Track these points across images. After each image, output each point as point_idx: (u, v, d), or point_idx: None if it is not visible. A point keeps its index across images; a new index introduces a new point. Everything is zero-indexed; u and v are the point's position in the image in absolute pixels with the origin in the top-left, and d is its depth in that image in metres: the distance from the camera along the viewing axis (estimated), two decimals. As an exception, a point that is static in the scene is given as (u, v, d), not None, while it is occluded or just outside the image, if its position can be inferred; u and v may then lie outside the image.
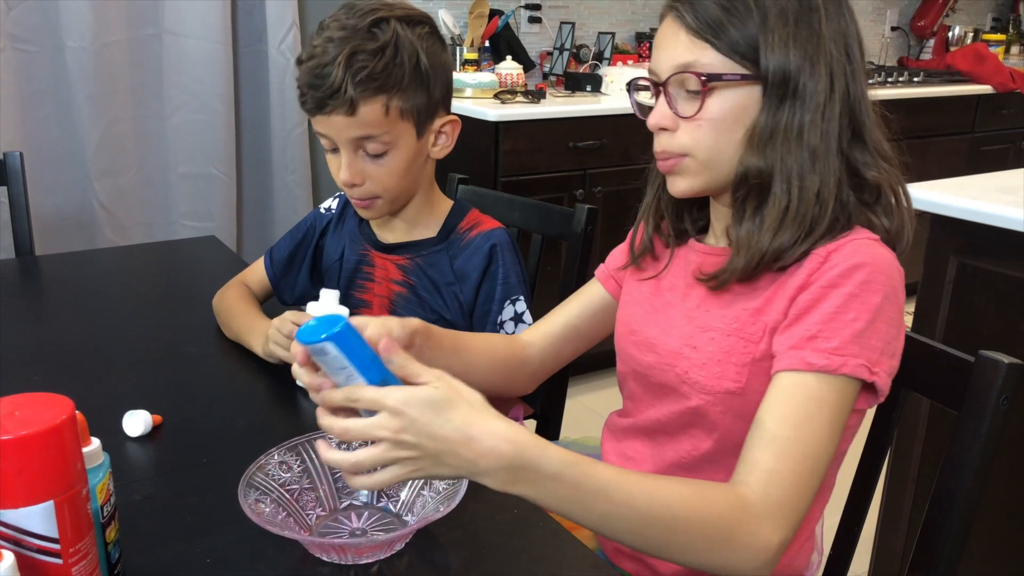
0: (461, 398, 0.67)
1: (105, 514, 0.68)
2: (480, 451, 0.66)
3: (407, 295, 1.19)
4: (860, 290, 0.77)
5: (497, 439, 0.66)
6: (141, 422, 0.95)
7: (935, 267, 1.53)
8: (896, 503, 1.64)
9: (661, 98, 0.85)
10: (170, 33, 2.41)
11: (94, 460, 0.67)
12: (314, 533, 0.79)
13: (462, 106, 2.49)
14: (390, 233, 1.23)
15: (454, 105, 1.18)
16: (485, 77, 2.66)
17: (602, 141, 2.61)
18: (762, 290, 0.84)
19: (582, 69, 3.05)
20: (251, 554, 0.75)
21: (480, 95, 2.62)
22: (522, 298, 1.16)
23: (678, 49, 0.83)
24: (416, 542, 0.77)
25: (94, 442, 0.68)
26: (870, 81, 0.86)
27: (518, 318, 1.15)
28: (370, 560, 0.74)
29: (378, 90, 1.05)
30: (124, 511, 0.75)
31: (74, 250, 1.78)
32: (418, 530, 0.76)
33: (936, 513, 0.84)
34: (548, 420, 1.38)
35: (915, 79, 3.52)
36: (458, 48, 2.84)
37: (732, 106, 0.82)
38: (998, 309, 1.46)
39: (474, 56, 2.83)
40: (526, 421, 1.27)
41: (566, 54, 3.01)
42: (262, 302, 1.29)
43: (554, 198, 2.54)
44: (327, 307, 1.01)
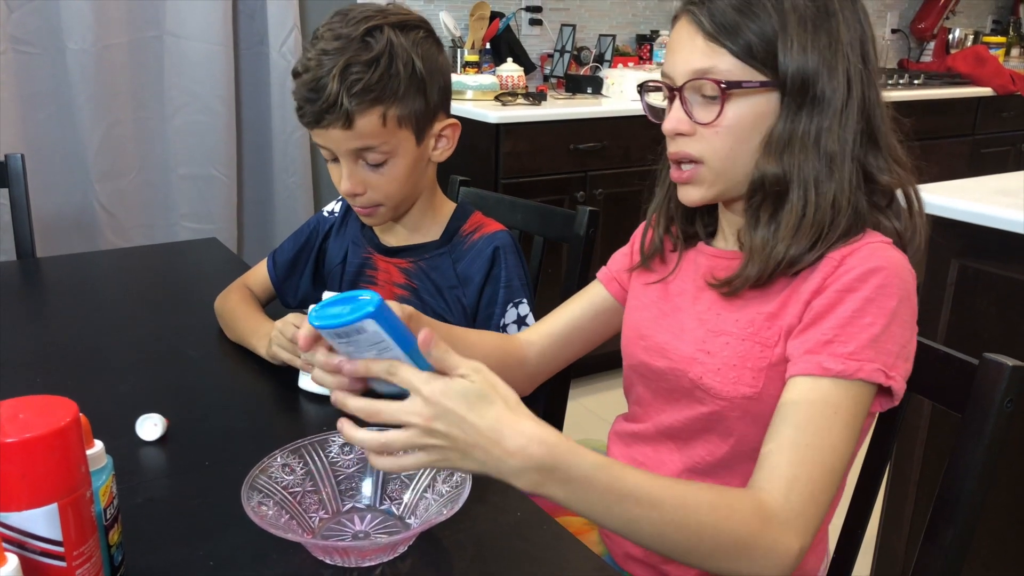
0: (497, 394, 0.67)
1: (108, 517, 0.68)
2: (510, 450, 0.66)
3: (410, 299, 1.19)
4: (876, 294, 0.77)
5: (527, 439, 0.66)
6: (154, 426, 0.94)
7: (936, 269, 1.53)
8: (898, 505, 1.64)
9: (676, 103, 0.84)
10: (171, 35, 2.41)
11: (98, 462, 0.67)
12: (317, 536, 0.79)
13: (463, 108, 2.50)
14: (392, 236, 1.23)
15: (454, 107, 1.18)
16: (486, 79, 2.66)
17: (603, 143, 2.61)
18: (776, 294, 0.84)
19: (583, 71, 3.05)
20: (254, 557, 0.75)
21: (481, 97, 2.62)
22: (525, 301, 1.15)
23: (695, 54, 0.82)
24: (419, 545, 0.77)
25: (97, 444, 0.68)
26: (877, 82, 0.85)
27: (521, 321, 1.14)
28: (373, 563, 0.74)
29: (374, 101, 1.04)
30: (127, 514, 0.75)
31: (75, 252, 1.78)
32: (421, 533, 0.75)
33: (940, 516, 0.84)
34: (549, 422, 1.37)
35: (915, 81, 3.53)
36: (459, 50, 2.84)
37: (750, 113, 0.82)
38: (999, 311, 1.46)
39: (475, 58, 2.83)
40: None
41: (567, 56, 3.01)
42: (264, 305, 1.29)
43: (555, 200, 2.54)
44: None
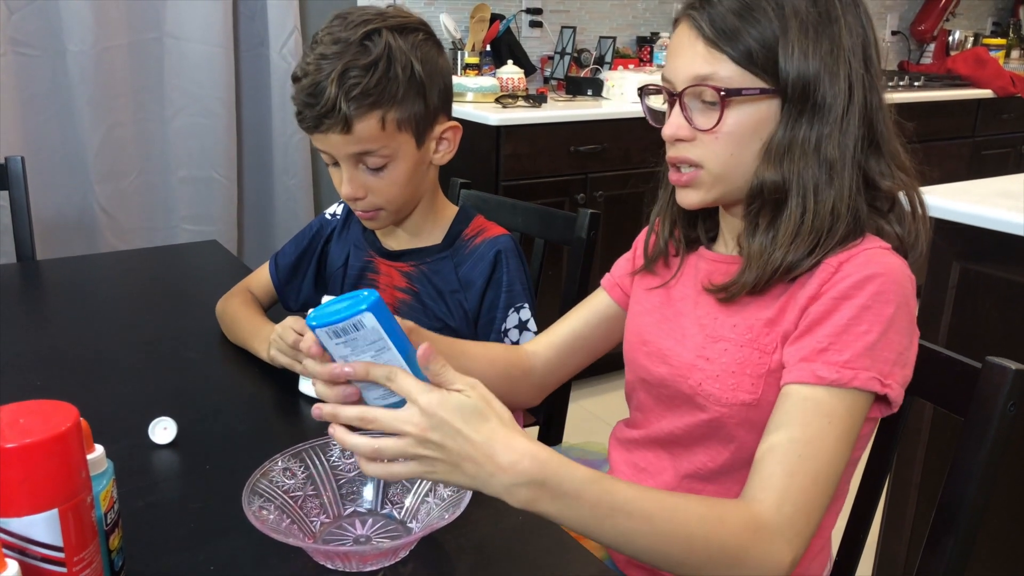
0: (491, 410, 0.67)
1: (109, 521, 0.68)
2: (502, 465, 0.65)
3: (411, 302, 1.18)
4: (872, 302, 0.76)
5: (519, 454, 0.66)
6: (164, 430, 0.94)
7: (938, 272, 1.53)
8: (899, 509, 1.64)
9: (676, 108, 0.84)
10: (171, 37, 2.41)
11: (98, 467, 0.67)
12: (318, 540, 0.79)
13: (463, 110, 2.50)
14: (394, 240, 1.22)
15: (455, 109, 1.18)
16: (486, 81, 2.66)
17: (603, 145, 2.61)
18: (774, 299, 0.84)
19: (583, 73, 3.05)
20: (255, 561, 0.74)
21: (481, 99, 2.62)
22: (527, 306, 1.15)
23: (695, 59, 0.81)
24: (421, 550, 0.76)
25: (98, 449, 0.68)
26: (880, 88, 0.85)
27: (522, 326, 1.14)
28: (374, 568, 0.74)
29: (372, 105, 1.04)
30: (127, 518, 0.75)
31: (75, 254, 1.78)
32: (423, 537, 0.75)
33: (942, 520, 0.84)
34: (550, 425, 1.38)
35: (916, 83, 3.53)
36: (459, 52, 2.84)
37: (750, 119, 0.81)
38: (1001, 314, 1.46)
39: (475, 60, 2.83)
40: (526, 428, 1.26)
41: (567, 58, 3.01)
42: (266, 308, 1.29)
43: (555, 202, 2.54)
44: None
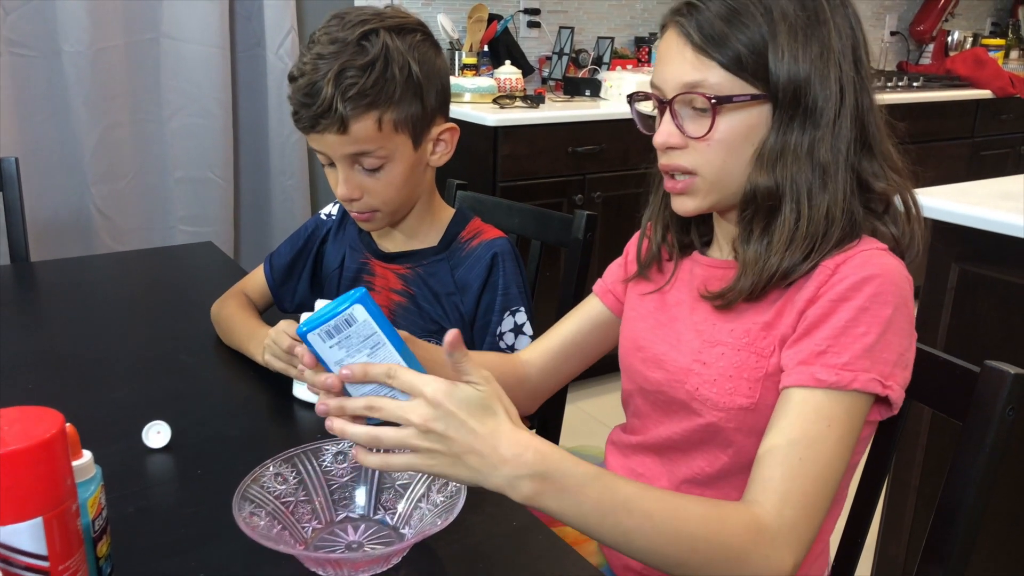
0: (500, 406, 0.68)
1: (96, 528, 0.67)
2: (505, 457, 0.65)
3: (407, 305, 1.18)
4: (870, 303, 0.76)
5: (523, 447, 0.66)
6: (158, 434, 0.93)
7: (936, 274, 1.52)
8: (898, 512, 1.63)
9: (667, 115, 0.83)
10: (168, 37, 2.40)
11: (85, 473, 0.66)
12: (310, 546, 0.78)
13: (461, 111, 2.49)
14: (390, 242, 1.22)
15: (452, 110, 1.17)
16: (484, 82, 2.65)
17: (601, 146, 2.60)
18: (770, 303, 0.83)
19: (581, 74, 3.05)
20: (246, 568, 0.74)
21: (479, 100, 2.61)
22: (523, 309, 1.14)
23: (684, 66, 0.80)
24: (413, 556, 0.76)
25: (86, 455, 0.67)
26: (870, 88, 0.84)
27: (518, 329, 1.13)
28: (366, 574, 0.73)
29: (369, 106, 1.03)
30: (117, 524, 0.74)
31: (71, 255, 1.77)
32: (415, 544, 0.74)
33: (941, 524, 0.83)
34: (547, 426, 1.37)
35: (915, 84, 3.52)
36: (457, 53, 2.83)
37: (742, 125, 0.81)
38: (1000, 316, 1.45)
39: (473, 61, 2.82)
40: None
41: (565, 59, 3.00)
42: (262, 311, 1.28)
43: (553, 203, 2.53)
44: None
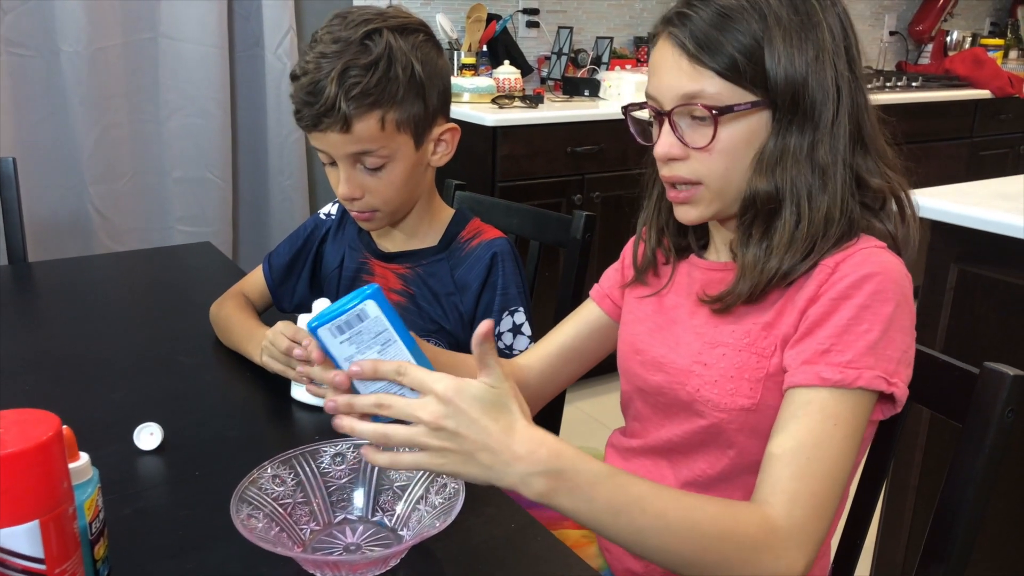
0: (515, 403, 0.68)
1: (93, 531, 0.67)
2: (518, 454, 0.65)
3: (406, 305, 1.17)
4: (871, 301, 0.76)
5: (536, 444, 0.66)
6: (151, 435, 0.93)
7: (935, 274, 1.52)
8: (896, 513, 1.63)
9: (666, 127, 0.83)
10: (166, 37, 2.40)
11: (82, 476, 0.66)
12: (308, 548, 0.78)
13: (459, 111, 2.49)
14: (390, 242, 1.22)
15: (451, 110, 1.17)
16: (483, 82, 2.65)
17: (600, 146, 2.60)
18: (771, 303, 0.83)
19: (580, 74, 3.04)
20: (244, 570, 0.73)
21: (477, 100, 2.61)
22: (521, 309, 1.14)
23: (680, 77, 0.80)
24: (411, 558, 0.75)
25: (82, 457, 0.67)
26: (868, 86, 0.85)
27: (516, 329, 1.13)
28: (364, 577, 0.73)
29: (372, 105, 1.03)
30: (114, 526, 0.74)
31: (68, 256, 1.77)
32: (414, 546, 0.74)
33: (941, 525, 0.83)
34: (546, 427, 1.35)
35: (913, 84, 3.52)
36: (455, 53, 2.83)
37: (743, 133, 0.80)
38: (999, 316, 1.45)
39: (471, 61, 2.82)
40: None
41: (564, 59, 3.00)
42: (261, 312, 1.27)
43: (552, 203, 2.53)
44: None
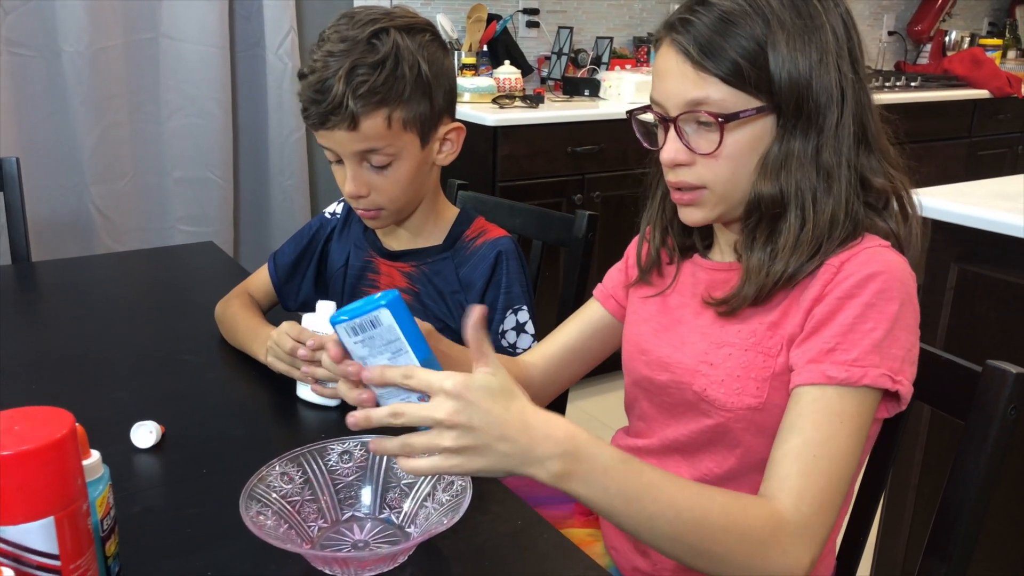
0: (517, 387, 0.69)
1: (105, 528, 0.67)
2: (537, 437, 0.66)
3: (412, 303, 1.18)
4: (876, 299, 0.76)
5: (554, 426, 0.67)
6: (149, 433, 0.93)
7: (936, 274, 1.53)
8: (897, 511, 1.64)
9: (671, 133, 0.83)
10: (167, 37, 2.40)
11: (94, 473, 0.67)
12: (316, 545, 0.79)
13: (460, 111, 2.46)
14: (395, 240, 1.22)
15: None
16: (483, 82, 2.65)
17: (600, 146, 2.60)
18: (776, 303, 0.84)
19: (580, 74, 3.05)
20: (253, 567, 0.74)
21: (478, 100, 2.62)
22: (525, 308, 1.15)
23: (685, 84, 0.80)
24: (419, 555, 0.76)
25: (94, 455, 0.67)
26: (869, 86, 0.85)
27: (520, 328, 1.14)
28: (372, 573, 0.73)
29: (379, 104, 1.04)
30: (124, 523, 0.74)
31: (70, 256, 1.77)
32: (421, 543, 0.75)
33: (942, 523, 0.84)
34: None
35: (912, 84, 3.53)
36: (456, 53, 2.83)
37: (748, 138, 0.81)
38: (999, 316, 1.45)
39: (472, 61, 2.83)
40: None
41: (564, 59, 3.00)
42: (267, 311, 1.28)
43: (552, 203, 2.53)
44: (324, 319, 1.00)
